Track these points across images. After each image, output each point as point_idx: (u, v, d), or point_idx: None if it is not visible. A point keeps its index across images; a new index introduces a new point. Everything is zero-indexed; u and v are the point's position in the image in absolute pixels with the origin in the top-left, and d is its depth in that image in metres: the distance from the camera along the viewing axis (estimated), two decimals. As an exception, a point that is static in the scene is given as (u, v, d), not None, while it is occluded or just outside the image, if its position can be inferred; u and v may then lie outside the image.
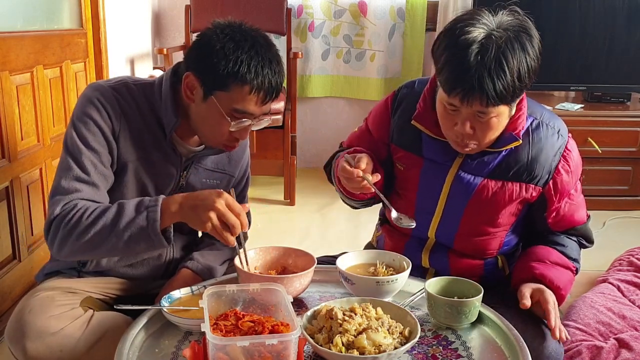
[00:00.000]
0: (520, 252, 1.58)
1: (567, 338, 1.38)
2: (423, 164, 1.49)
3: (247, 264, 1.37)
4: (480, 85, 1.24)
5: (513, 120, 1.39)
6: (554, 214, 1.49)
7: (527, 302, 1.37)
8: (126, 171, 1.45)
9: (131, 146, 1.44)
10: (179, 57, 3.73)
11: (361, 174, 1.36)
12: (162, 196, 1.33)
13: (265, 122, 1.46)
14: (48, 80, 2.31)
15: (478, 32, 1.26)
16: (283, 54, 3.69)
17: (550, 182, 1.45)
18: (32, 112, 2.20)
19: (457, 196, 1.47)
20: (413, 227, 1.41)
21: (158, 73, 3.34)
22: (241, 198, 1.71)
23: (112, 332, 1.40)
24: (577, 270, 1.51)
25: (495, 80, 1.24)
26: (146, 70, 3.57)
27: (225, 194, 1.28)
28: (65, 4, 2.58)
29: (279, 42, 3.72)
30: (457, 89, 1.27)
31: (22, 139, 2.13)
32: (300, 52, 3.32)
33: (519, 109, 1.40)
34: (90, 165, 1.38)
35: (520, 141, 1.41)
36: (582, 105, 3.43)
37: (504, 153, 1.43)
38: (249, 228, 1.78)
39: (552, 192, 1.46)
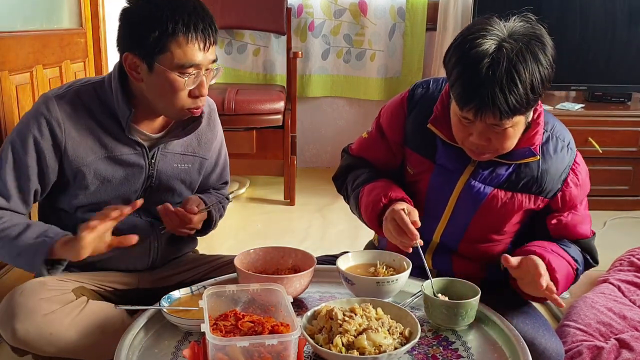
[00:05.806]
0: None
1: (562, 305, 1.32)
2: (434, 170, 1.48)
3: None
4: (492, 100, 1.21)
5: (530, 135, 1.37)
6: (555, 221, 1.46)
7: (513, 261, 1.28)
8: (83, 174, 1.46)
9: (85, 149, 1.45)
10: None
11: (418, 242, 1.33)
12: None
13: (217, 70, 1.44)
14: (47, 80, 2.30)
15: (489, 45, 1.22)
16: (283, 53, 3.69)
17: (559, 195, 1.43)
18: (32, 111, 2.19)
19: (465, 204, 1.46)
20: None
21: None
22: (223, 183, 1.72)
23: (105, 323, 1.40)
24: (577, 272, 1.45)
25: (507, 95, 1.21)
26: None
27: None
28: (64, 4, 2.57)
29: (279, 42, 3.72)
30: (469, 104, 1.24)
31: (21, 139, 2.12)
32: (300, 52, 3.31)
33: (536, 124, 1.38)
34: (13, 179, 1.42)
35: (538, 157, 1.39)
36: (583, 105, 3.42)
37: (514, 165, 1.41)
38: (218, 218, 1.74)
39: (559, 204, 1.44)
